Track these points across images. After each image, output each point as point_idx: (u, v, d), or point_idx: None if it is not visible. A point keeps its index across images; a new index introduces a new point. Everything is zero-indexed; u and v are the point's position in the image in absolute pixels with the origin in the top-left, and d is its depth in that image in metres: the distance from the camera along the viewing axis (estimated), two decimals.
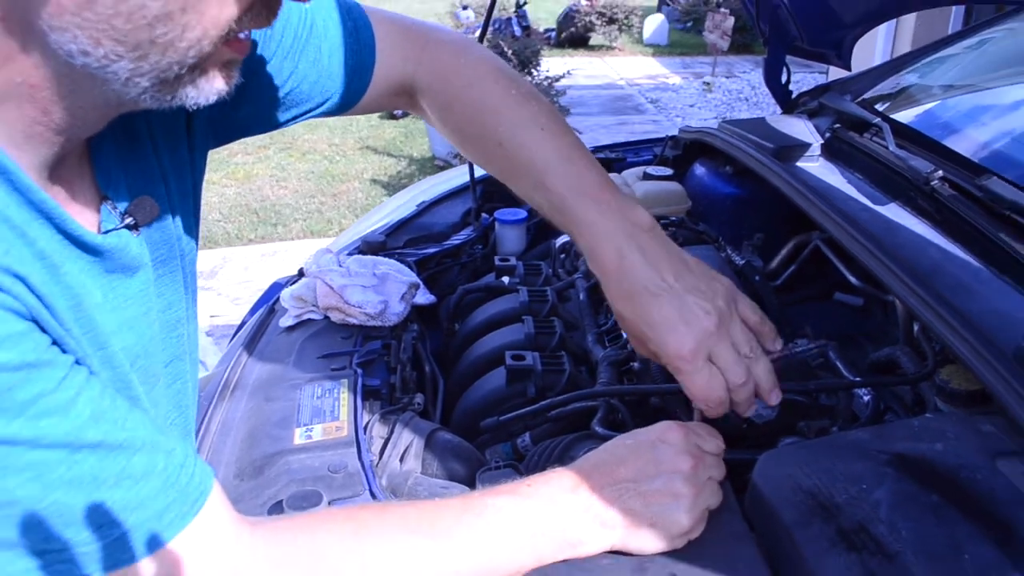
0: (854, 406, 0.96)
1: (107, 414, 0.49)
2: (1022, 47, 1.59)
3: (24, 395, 0.45)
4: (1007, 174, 1.08)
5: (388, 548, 0.60)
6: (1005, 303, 0.91)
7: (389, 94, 0.84)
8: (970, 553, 0.63)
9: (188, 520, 0.52)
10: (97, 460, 0.47)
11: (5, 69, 0.48)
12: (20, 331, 0.46)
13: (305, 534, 0.58)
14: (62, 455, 0.46)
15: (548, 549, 0.66)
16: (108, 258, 0.57)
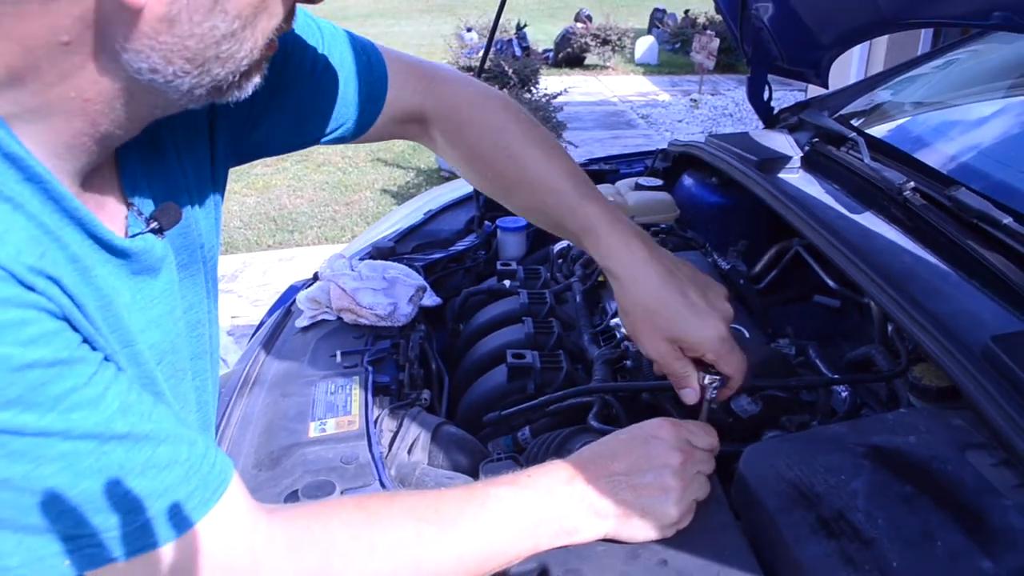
0: (832, 402, 0.96)
1: (134, 407, 0.49)
2: (987, 67, 1.59)
3: (57, 390, 0.44)
4: (974, 185, 1.08)
5: (395, 534, 0.60)
6: (973, 305, 0.91)
7: (400, 123, 0.85)
8: (942, 539, 0.63)
9: (209, 507, 0.52)
10: (124, 451, 0.47)
11: (62, 85, 0.47)
12: (53, 330, 0.46)
13: (318, 521, 0.58)
14: (92, 446, 0.46)
15: (545, 536, 0.65)
16: (135, 260, 0.57)
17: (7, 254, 0.43)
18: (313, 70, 0.75)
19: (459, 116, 0.85)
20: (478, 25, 9.82)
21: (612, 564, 0.66)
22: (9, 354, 0.42)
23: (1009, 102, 1.42)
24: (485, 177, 0.86)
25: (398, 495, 0.65)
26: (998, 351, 0.75)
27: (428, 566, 0.60)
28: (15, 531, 0.45)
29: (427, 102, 0.84)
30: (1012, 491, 0.67)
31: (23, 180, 0.46)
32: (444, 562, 0.61)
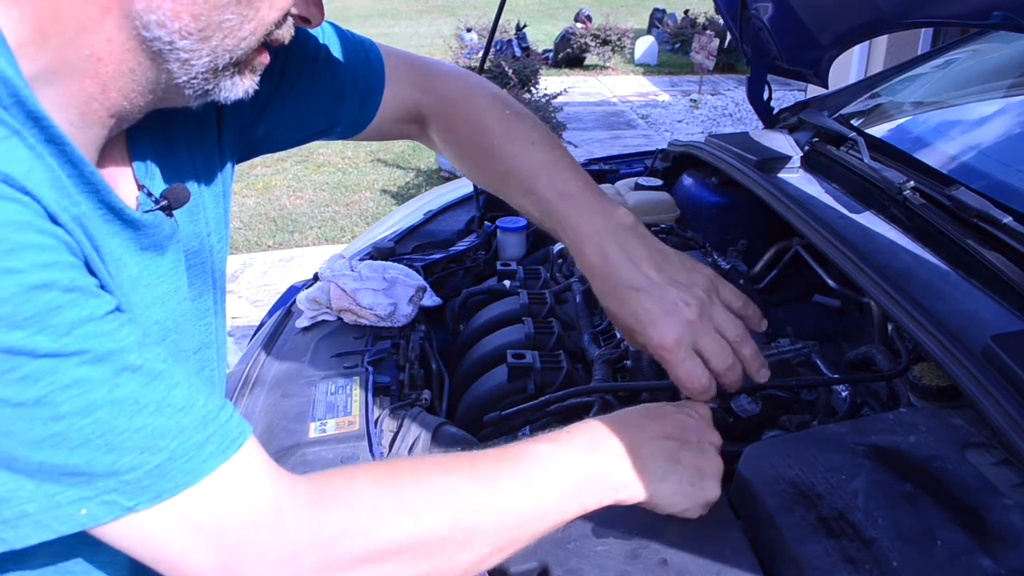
0: (833, 401, 0.96)
1: (149, 347, 0.48)
2: (986, 67, 1.59)
3: (72, 315, 0.44)
4: (973, 185, 1.08)
5: (428, 487, 0.56)
6: (972, 304, 0.91)
7: (399, 120, 0.85)
8: (942, 538, 0.63)
9: (229, 455, 0.49)
10: (139, 384, 0.46)
11: (78, 40, 0.49)
12: (72, 263, 0.46)
13: (342, 478, 0.56)
14: (106, 374, 0.45)
15: (592, 494, 0.62)
16: (144, 234, 0.57)
17: (35, 184, 0.44)
18: (313, 64, 0.76)
19: (450, 112, 0.84)
20: (478, 26, 9.83)
21: (612, 564, 0.66)
22: (26, 272, 0.42)
23: (1009, 102, 1.42)
24: (479, 174, 0.87)
25: (426, 457, 0.63)
26: (998, 350, 0.75)
27: (466, 521, 0.56)
28: (31, 475, 0.44)
29: (424, 99, 0.85)
30: (1012, 490, 0.67)
31: (44, 141, 0.47)
32: (484, 517, 0.57)
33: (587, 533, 0.69)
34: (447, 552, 0.56)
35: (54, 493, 0.44)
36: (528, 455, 0.61)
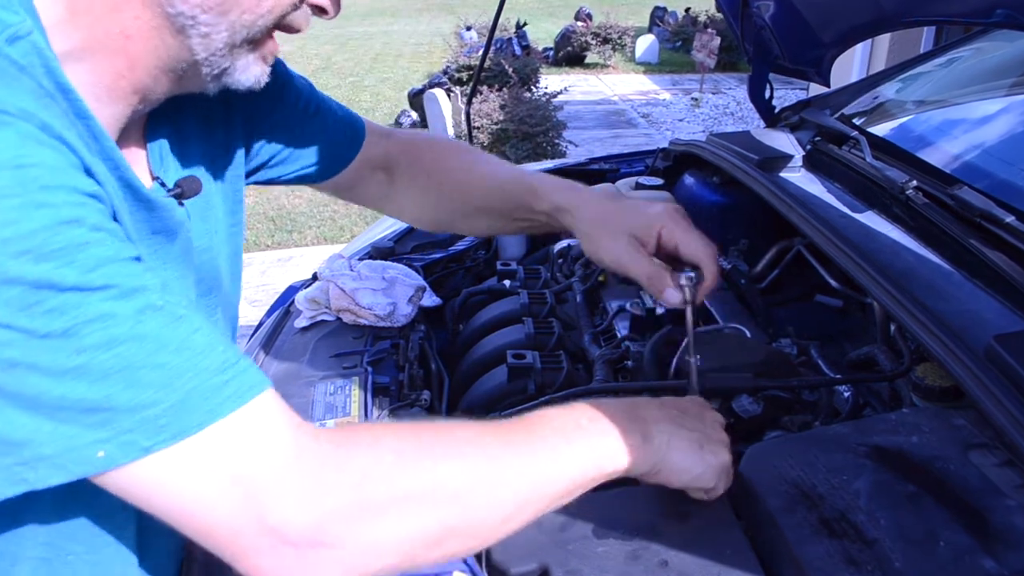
0: (835, 402, 0.96)
1: (171, 292, 0.49)
2: (989, 65, 1.59)
3: (99, 253, 0.45)
4: (976, 184, 1.08)
5: (447, 438, 0.57)
6: (975, 304, 0.91)
7: (369, 167, 0.93)
8: (945, 539, 0.63)
9: (247, 399, 0.49)
10: (160, 324, 0.47)
11: (107, 19, 0.53)
12: (101, 208, 0.48)
13: (364, 429, 0.57)
14: (129, 311, 0.45)
15: (606, 457, 0.63)
16: (156, 216, 0.59)
17: (71, 139, 0.47)
18: (307, 109, 0.84)
19: (423, 155, 0.94)
20: (477, 24, 9.83)
21: (613, 565, 0.66)
22: (57, 208, 0.43)
23: (1011, 100, 1.42)
24: (444, 198, 0.94)
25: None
26: (1001, 351, 0.75)
27: (488, 471, 0.56)
28: (50, 416, 0.44)
29: (391, 147, 0.94)
30: (1015, 491, 0.67)
31: (71, 113, 0.50)
32: (505, 469, 0.57)
33: (587, 534, 0.69)
34: (471, 501, 0.55)
35: (72, 435, 0.44)
36: (543, 419, 0.62)
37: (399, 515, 0.52)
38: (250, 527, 0.49)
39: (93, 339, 0.44)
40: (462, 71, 7.17)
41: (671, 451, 0.66)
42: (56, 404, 0.44)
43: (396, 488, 0.53)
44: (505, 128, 5.31)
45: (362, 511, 0.51)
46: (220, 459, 0.48)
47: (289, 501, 0.49)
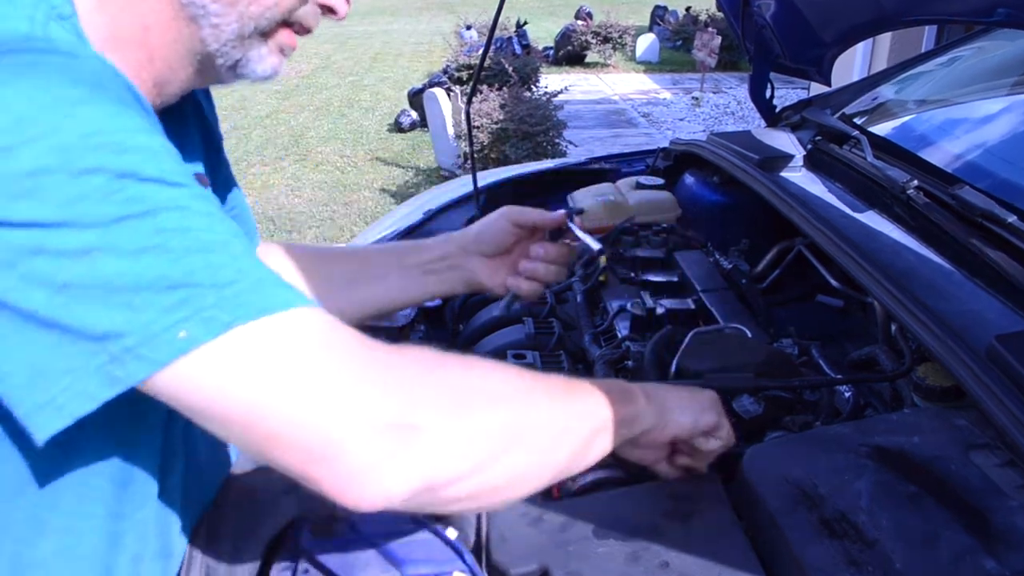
0: (836, 402, 0.96)
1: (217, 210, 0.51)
2: (990, 64, 1.59)
3: (175, 163, 0.49)
4: (978, 184, 1.08)
5: (482, 362, 0.60)
6: (976, 304, 0.91)
7: None
8: (946, 540, 0.63)
9: (292, 305, 0.49)
10: (227, 230, 0.49)
11: (129, 10, 0.56)
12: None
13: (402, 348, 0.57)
14: (202, 209, 0.48)
15: (616, 406, 0.66)
16: None
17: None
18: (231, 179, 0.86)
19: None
20: (478, 23, 9.82)
21: (613, 566, 0.66)
22: (135, 118, 0.48)
23: (1013, 100, 1.42)
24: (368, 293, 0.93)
25: None
26: (1003, 351, 0.75)
27: (513, 383, 0.59)
28: (128, 303, 0.44)
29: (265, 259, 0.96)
30: (1017, 491, 0.67)
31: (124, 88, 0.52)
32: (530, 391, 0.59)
33: (588, 535, 0.69)
34: (529, 413, 0.58)
35: (152, 319, 0.45)
36: (553, 376, 0.66)
37: (472, 409, 0.54)
38: (333, 409, 0.48)
39: (172, 223, 0.46)
40: (462, 70, 7.17)
41: (668, 403, 0.72)
42: (134, 286, 0.44)
43: (469, 383, 0.56)
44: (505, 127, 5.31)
45: (443, 400, 0.52)
46: (302, 342, 0.48)
47: (374, 386, 0.50)
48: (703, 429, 0.73)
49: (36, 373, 0.45)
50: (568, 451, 0.62)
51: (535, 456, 0.59)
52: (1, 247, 0.43)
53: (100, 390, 0.45)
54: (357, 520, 0.75)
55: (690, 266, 1.28)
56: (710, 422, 0.73)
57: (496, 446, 0.55)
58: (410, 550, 0.70)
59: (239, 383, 0.47)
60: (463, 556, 0.69)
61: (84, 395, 0.45)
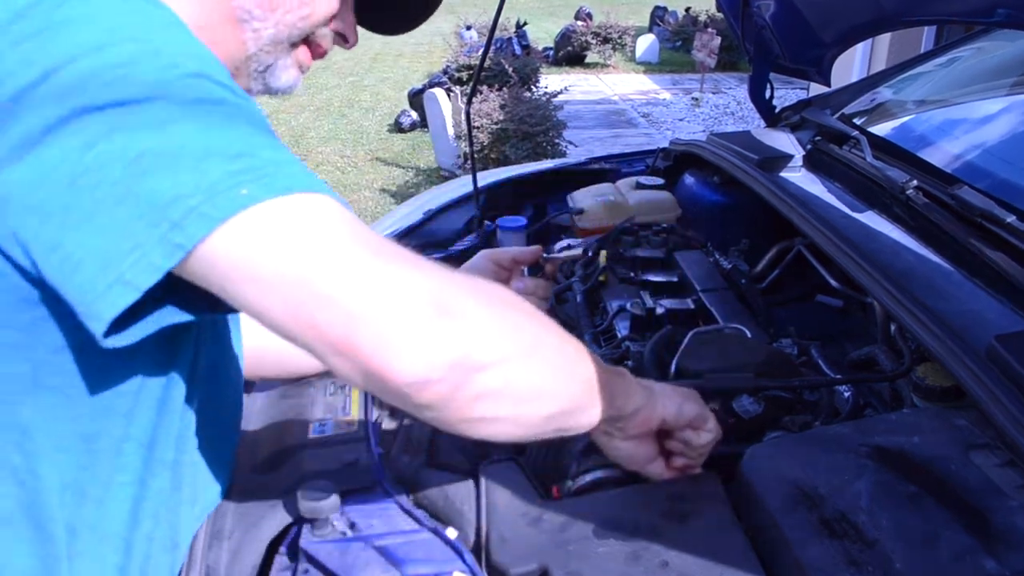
0: (835, 402, 0.96)
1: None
2: (989, 65, 1.59)
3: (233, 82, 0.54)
4: (977, 184, 1.08)
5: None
6: (976, 304, 0.91)
7: None
8: (946, 540, 0.63)
9: (327, 192, 0.53)
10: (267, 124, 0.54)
11: (188, 9, 0.59)
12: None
13: None
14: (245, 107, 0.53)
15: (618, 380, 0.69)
16: None
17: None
18: None
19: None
20: (478, 23, 9.83)
21: (613, 566, 0.66)
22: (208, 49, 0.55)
23: (1012, 100, 1.42)
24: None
25: None
26: (1002, 351, 0.75)
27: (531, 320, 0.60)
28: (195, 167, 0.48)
29: None
30: (1017, 491, 0.67)
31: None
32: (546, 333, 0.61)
33: (588, 535, 0.69)
34: (513, 310, 0.59)
35: (216, 180, 0.48)
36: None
37: (499, 308, 0.57)
38: (381, 278, 0.50)
39: (241, 114, 0.52)
40: (462, 71, 7.17)
41: (655, 388, 0.74)
42: (203, 152, 0.48)
43: (494, 290, 0.59)
44: (505, 128, 5.31)
45: (472, 293, 0.55)
46: (355, 221, 0.52)
47: (414, 268, 0.52)
48: (688, 418, 0.74)
49: (105, 254, 0.47)
50: (578, 387, 0.63)
51: (553, 373, 0.60)
52: (83, 130, 0.47)
53: (163, 259, 0.48)
54: (357, 520, 0.75)
55: (690, 266, 1.28)
56: (693, 412, 0.74)
57: (521, 346, 0.57)
58: (410, 550, 0.70)
59: (292, 243, 0.49)
60: (463, 556, 0.69)
61: (149, 267, 0.47)
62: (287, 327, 0.51)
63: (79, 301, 0.49)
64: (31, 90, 0.48)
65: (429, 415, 0.54)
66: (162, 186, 0.47)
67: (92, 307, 0.48)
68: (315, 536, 0.72)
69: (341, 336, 0.49)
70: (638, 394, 0.71)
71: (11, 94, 0.48)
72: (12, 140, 0.48)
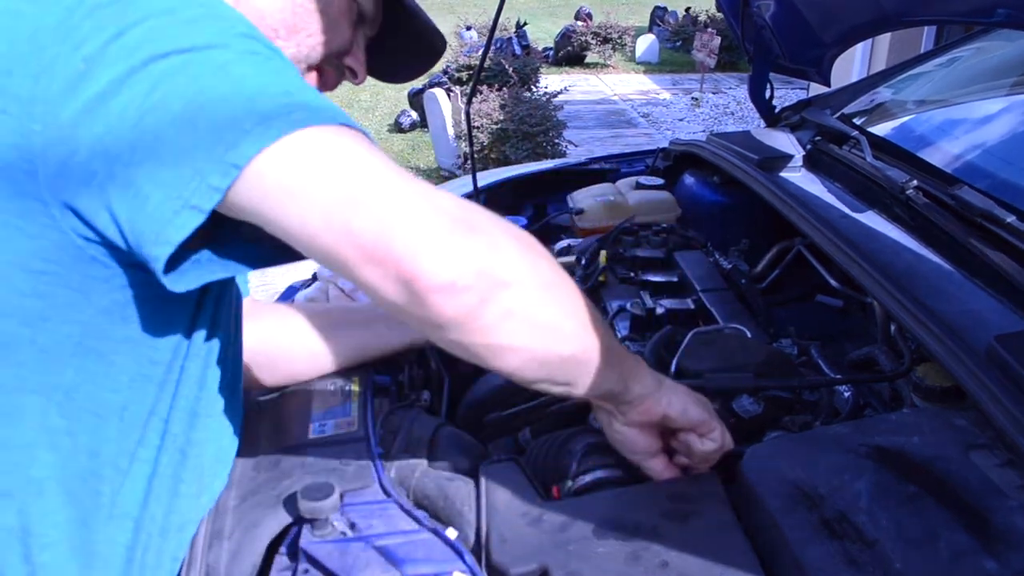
0: (835, 402, 0.96)
1: None
2: (989, 65, 1.59)
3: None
4: (977, 184, 1.08)
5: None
6: (976, 304, 0.91)
7: None
8: (945, 540, 0.63)
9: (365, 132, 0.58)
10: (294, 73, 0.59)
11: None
12: None
13: None
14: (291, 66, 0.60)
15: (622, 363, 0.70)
16: None
17: None
18: None
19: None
20: (478, 23, 9.82)
21: (613, 566, 0.66)
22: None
23: (1012, 100, 1.42)
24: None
25: None
26: (1002, 351, 0.75)
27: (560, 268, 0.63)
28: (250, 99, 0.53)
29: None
30: (1017, 491, 0.67)
31: None
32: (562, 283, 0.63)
33: (588, 535, 0.69)
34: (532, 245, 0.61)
35: (269, 110, 0.53)
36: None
37: (520, 239, 0.60)
38: (416, 193, 0.55)
39: (288, 68, 0.58)
40: (462, 71, 7.16)
41: (665, 381, 0.75)
42: (257, 89, 0.54)
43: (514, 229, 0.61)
44: (505, 128, 5.31)
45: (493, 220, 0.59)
46: (381, 152, 0.57)
47: (442, 194, 0.58)
48: (693, 421, 0.74)
49: (170, 183, 0.52)
50: (592, 340, 0.64)
51: (570, 313, 0.62)
52: (149, 76, 0.52)
53: (221, 179, 0.52)
54: (357, 520, 0.75)
55: (690, 266, 1.28)
56: (698, 416, 0.74)
57: (540, 277, 0.60)
58: (410, 550, 0.70)
59: (332, 162, 0.54)
60: (463, 556, 0.69)
61: (210, 188, 0.52)
62: (322, 239, 0.53)
63: (149, 230, 0.53)
64: (104, 48, 0.53)
65: (454, 337, 0.57)
66: (219, 116, 0.52)
67: (162, 234, 0.53)
68: (315, 536, 0.72)
69: (375, 241, 0.53)
70: (647, 380, 0.72)
71: (85, 56, 0.53)
72: (85, 98, 0.52)
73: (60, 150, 0.53)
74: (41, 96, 0.53)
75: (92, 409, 0.63)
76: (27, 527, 0.62)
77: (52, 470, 0.62)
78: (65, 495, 0.63)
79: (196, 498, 0.75)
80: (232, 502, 0.79)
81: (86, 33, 0.53)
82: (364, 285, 0.55)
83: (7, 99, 0.54)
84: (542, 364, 0.62)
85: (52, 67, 0.53)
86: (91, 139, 0.53)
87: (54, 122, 0.53)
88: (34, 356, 0.60)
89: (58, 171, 0.54)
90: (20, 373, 0.60)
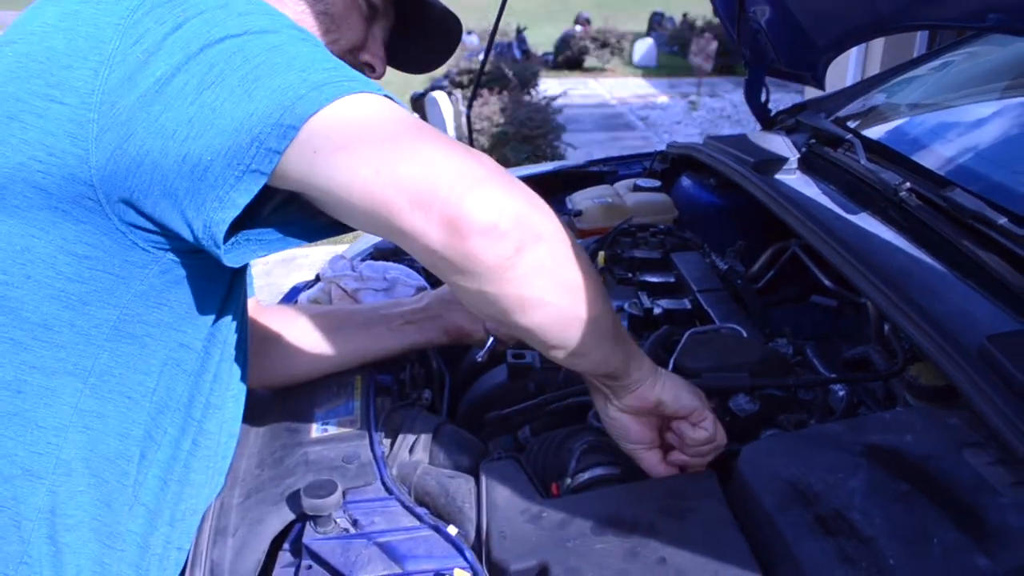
0: (830, 401, 0.96)
1: None
2: (982, 69, 1.59)
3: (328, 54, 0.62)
4: (969, 186, 1.08)
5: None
6: (968, 304, 0.91)
7: None
8: (938, 537, 0.63)
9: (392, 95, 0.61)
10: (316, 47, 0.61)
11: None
12: None
13: None
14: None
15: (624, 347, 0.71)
16: None
17: None
18: None
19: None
20: (478, 28, 9.82)
21: (611, 562, 0.66)
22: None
23: (1004, 104, 1.42)
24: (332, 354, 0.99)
25: None
26: (994, 351, 0.75)
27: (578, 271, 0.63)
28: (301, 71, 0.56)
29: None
30: (1009, 489, 0.67)
31: None
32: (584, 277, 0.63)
33: (586, 532, 0.69)
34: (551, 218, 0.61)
35: (320, 79, 0.56)
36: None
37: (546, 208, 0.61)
38: (452, 149, 0.56)
39: (331, 54, 0.60)
40: (463, 75, 7.17)
41: (660, 369, 0.76)
42: (308, 62, 0.57)
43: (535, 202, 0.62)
44: (505, 131, 5.31)
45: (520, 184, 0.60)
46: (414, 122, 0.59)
47: (484, 155, 0.60)
48: (685, 408, 0.75)
49: (230, 151, 0.54)
50: (605, 311, 0.65)
51: (589, 280, 0.63)
52: (205, 60, 0.55)
53: (279, 142, 0.54)
54: (359, 517, 0.75)
55: (687, 267, 1.28)
56: (691, 404, 0.75)
57: (564, 238, 0.61)
58: (412, 547, 0.70)
59: (379, 119, 0.57)
60: (464, 553, 0.69)
61: (269, 152, 0.54)
62: (370, 187, 0.54)
63: (213, 196, 0.55)
64: (162, 41, 0.55)
65: (488, 288, 0.57)
66: (274, 85, 0.55)
67: (226, 199, 0.55)
68: (318, 533, 0.72)
69: (423, 184, 0.54)
70: (645, 366, 0.74)
71: (144, 49, 0.56)
72: (144, 86, 0.55)
73: (114, 136, 0.55)
74: (100, 87, 0.55)
75: (124, 392, 0.64)
76: (55, 508, 0.63)
77: (81, 451, 0.63)
78: (91, 477, 0.64)
79: (203, 488, 0.76)
80: (236, 499, 0.79)
81: (145, 28, 0.56)
82: (408, 233, 0.55)
83: (65, 91, 0.56)
84: (564, 325, 0.63)
85: (112, 61, 0.55)
86: (147, 121, 0.55)
87: (110, 111, 0.55)
88: (72, 339, 0.61)
89: (110, 157, 0.55)
90: (58, 355, 0.61)
